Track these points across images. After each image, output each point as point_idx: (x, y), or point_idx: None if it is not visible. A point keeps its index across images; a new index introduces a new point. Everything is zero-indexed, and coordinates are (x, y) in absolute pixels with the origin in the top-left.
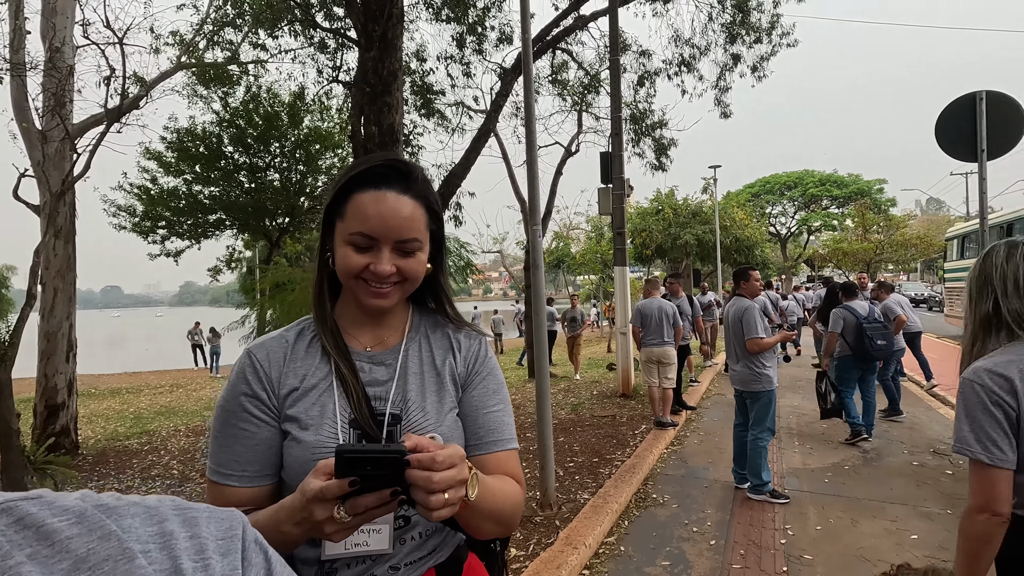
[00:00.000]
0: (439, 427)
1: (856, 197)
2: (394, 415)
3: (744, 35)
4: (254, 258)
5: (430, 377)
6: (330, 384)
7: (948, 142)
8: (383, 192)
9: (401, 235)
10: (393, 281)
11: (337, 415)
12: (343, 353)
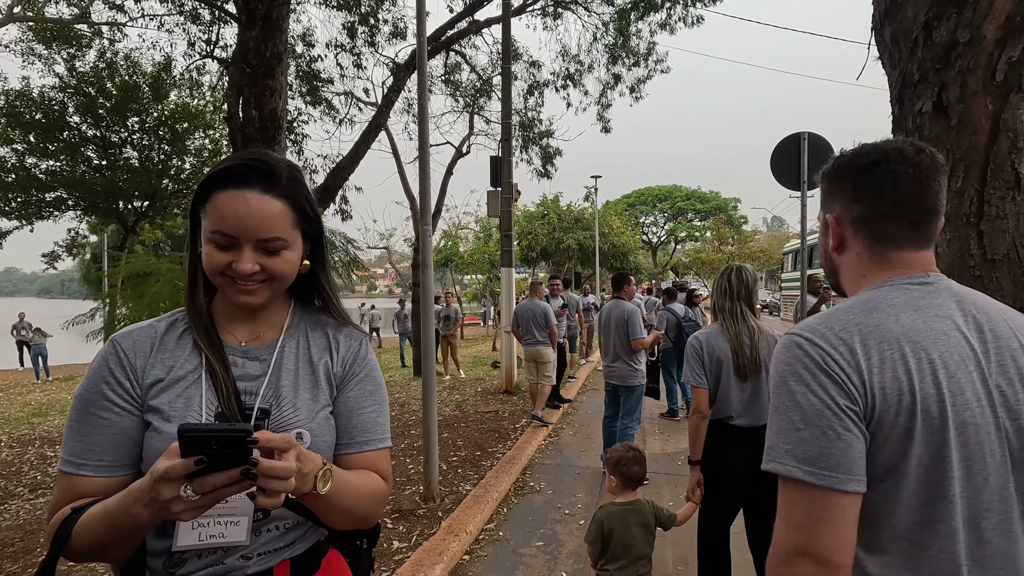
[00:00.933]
0: (309, 424)
1: (715, 212)
2: (263, 410)
3: (624, 57)
4: (101, 244)
5: (305, 374)
6: (198, 377)
7: (779, 172)
8: (242, 192)
9: (261, 234)
10: (259, 279)
11: (203, 408)
12: (215, 346)
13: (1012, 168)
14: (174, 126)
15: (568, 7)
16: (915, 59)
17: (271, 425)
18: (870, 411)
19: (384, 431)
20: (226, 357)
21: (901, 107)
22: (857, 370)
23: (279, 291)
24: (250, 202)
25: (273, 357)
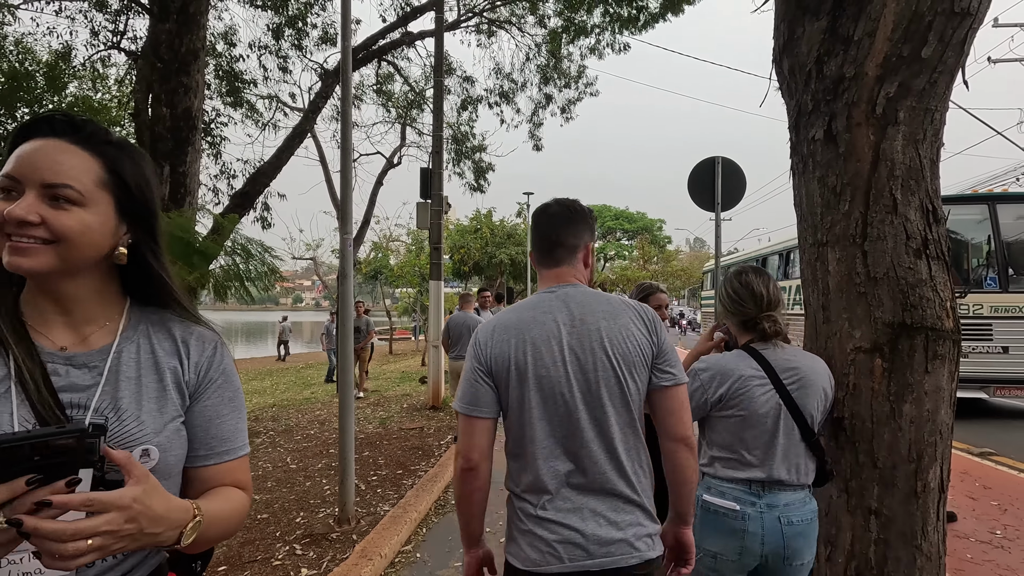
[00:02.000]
0: (156, 438)
1: (642, 232)
2: (96, 425)
3: (556, 79)
4: None
5: (149, 382)
6: (7, 389)
7: (696, 193)
8: (45, 139)
9: (48, 177)
10: (40, 237)
11: (14, 426)
12: (28, 351)
13: (890, 194)
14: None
15: (502, 26)
16: (809, 90)
17: (110, 443)
18: (490, 371)
19: (243, 438)
20: (44, 364)
21: (797, 134)
22: (485, 347)
23: (66, 262)
24: (48, 145)
25: (107, 364)
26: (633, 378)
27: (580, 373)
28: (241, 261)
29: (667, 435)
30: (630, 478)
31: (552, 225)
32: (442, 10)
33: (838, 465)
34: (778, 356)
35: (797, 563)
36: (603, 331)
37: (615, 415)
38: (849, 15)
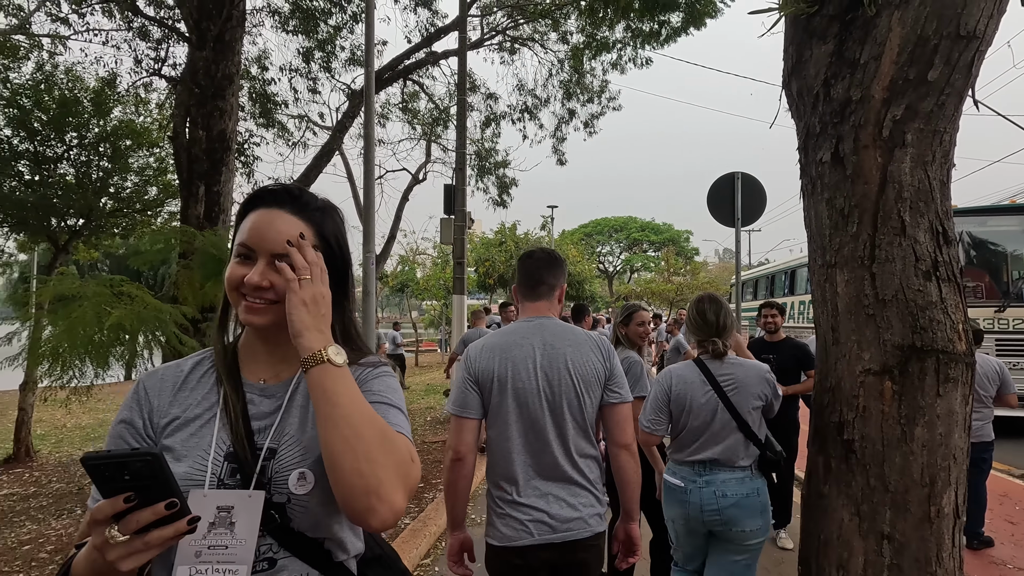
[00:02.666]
0: (312, 461)
1: (668, 244)
2: (271, 449)
3: (579, 93)
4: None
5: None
6: (213, 415)
7: (715, 209)
8: (270, 210)
9: (274, 247)
10: (267, 298)
11: (212, 446)
12: (234, 384)
13: (898, 216)
14: (116, 143)
15: (525, 44)
16: (816, 113)
17: (275, 465)
18: (477, 381)
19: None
20: (244, 394)
21: (806, 156)
22: (475, 362)
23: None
24: (273, 217)
25: (287, 394)
26: (589, 394)
27: (548, 388)
28: None
29: (613, 442)
30: (583, 470)
31: (537, 268)
32: (465, 30)
33: (849, 488)
34: (718, 367)
35: (737, 529)
36: (568, 356)
37: (572, 422)
38: (855, 39)
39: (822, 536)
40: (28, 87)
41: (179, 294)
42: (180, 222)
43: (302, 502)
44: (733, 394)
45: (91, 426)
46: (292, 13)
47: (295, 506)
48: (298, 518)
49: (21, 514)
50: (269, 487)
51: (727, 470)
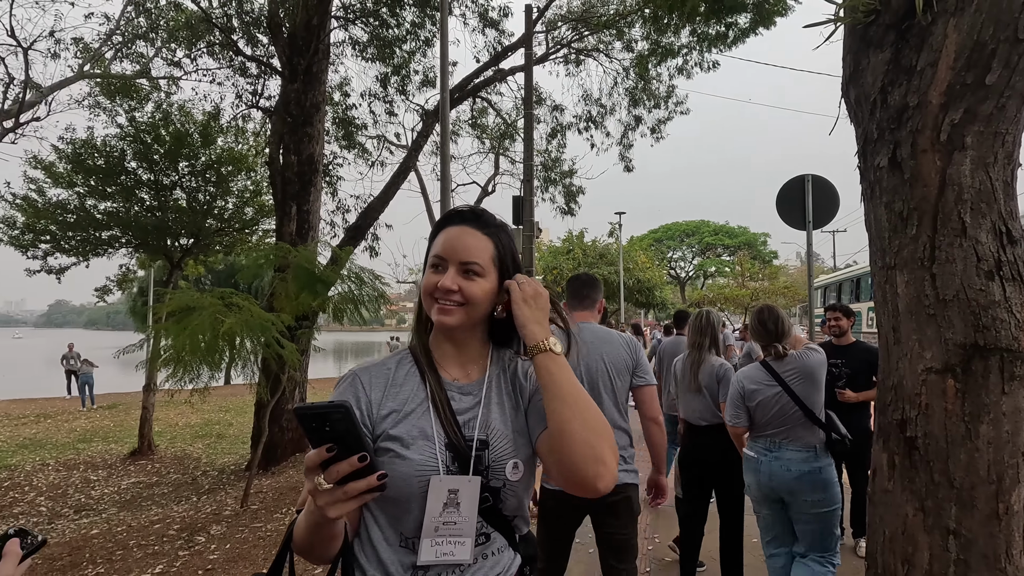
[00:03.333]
0: (522, 453)
1: (744, 247)
2: (482, 441)
3: (645, 100)
4: (148, 279)
5: (508, 408)
6: (426, 409)
7: (785, 213)
8: (459, 227)
9: (463, 257)
10: (455, 300)
11: (435, 436)
12: (438, 381)
13: (958, 217)
14: (219, 169)
15: (589, 54)
16: (874, 119)
17: (491, 455)
18: None
19: None
20: (447, 392)
21: (865, 161)
22: None
23: (471, 319)
24: (462, 232)
25: (482, 392)
26: (620, 378)
27: (587, 375)
28: (355, 287)
29: (643, 416)
30: None
31: (583, 286)
32: (531, 46)
33: (912, 484)
34: (781, 366)
35: (801, 499)
36: (603, 351)
37: (608, 399)
38: (912, 46)
39: (887, 532)
40: (149, 124)
41: (276, 304)
42: (275, 239)
43: (513, 487)
44: (797, 386)
45: (199, 424)
46: (370, 42)
47: (508, 490)
48: (507, 500)
49: (147, 499)
50: (486, 473)
51: (794, 449)
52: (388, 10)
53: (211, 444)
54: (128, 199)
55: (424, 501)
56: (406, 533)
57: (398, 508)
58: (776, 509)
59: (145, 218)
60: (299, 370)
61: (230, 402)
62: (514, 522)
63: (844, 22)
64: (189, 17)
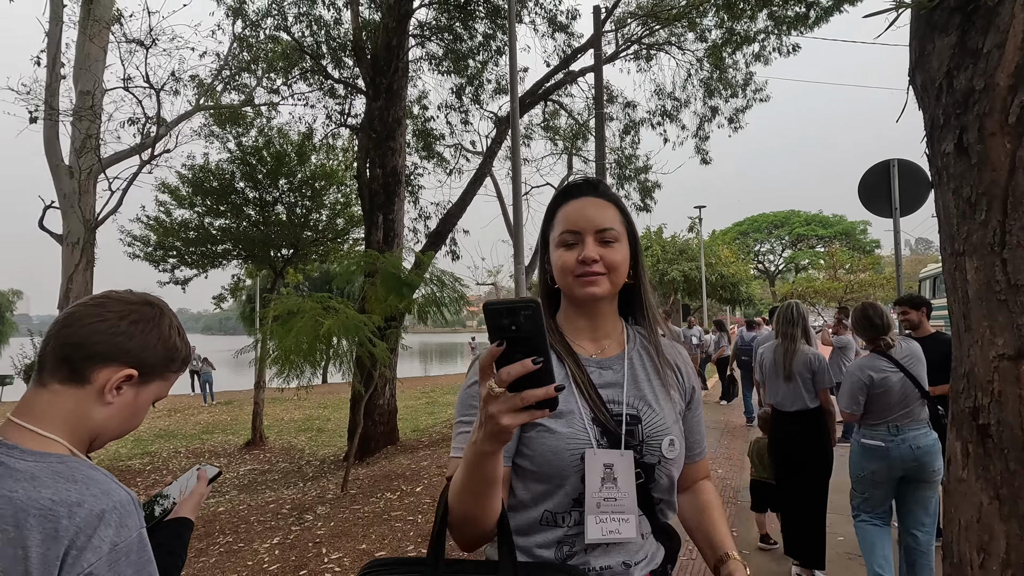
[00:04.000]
0: (675, 428)
1: (841, 237)
2: (632, 415)
3: (721, 89)
4: (254, 287)
5: (656, 385)
6: (570, 382)
7: (868, 200)
8: (581, 198)
9: (600, 224)
10: (598, 271)
11: (582, 412)
12: (576, 360)
13: None
14: (314, 184)
15: (661, 48)
16: (940, 104)
17: (644, 429)
18: None
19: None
20: (586, 369)
21: (932, 148)
22: None
23: (615, 286)
24: (588, 203)
25: (624, 367)
26: None
27: None
28: (437, 290)
29: None
30: None
31: None
32: (600, 47)
33: (987, 472)
34: (896, 353)
35: (929, 470)
36: None
37: None
38: (978, 29)
39: (962, 521)
40: (253, 148)
41: (367, 306)
42: (364, 247)
43: (668, 465)
44: (914, 369)
45: (301, 419)
46: (445, 56)
47: (662, 468)
48: (660, 479)
49: (261, 484)
50: (640, 448)
51: (914, 427)
52: (461, 24)
53: (312, 437)
54: (238, 216)
55: (576, 476)
56: (552, 509)
57: (550, 483)
58: (891, 487)
59: (252, 232)
60: (389, 367)
61: (328, 399)
62: (659, 506)
63: (907, 7)
64: (284, 47)
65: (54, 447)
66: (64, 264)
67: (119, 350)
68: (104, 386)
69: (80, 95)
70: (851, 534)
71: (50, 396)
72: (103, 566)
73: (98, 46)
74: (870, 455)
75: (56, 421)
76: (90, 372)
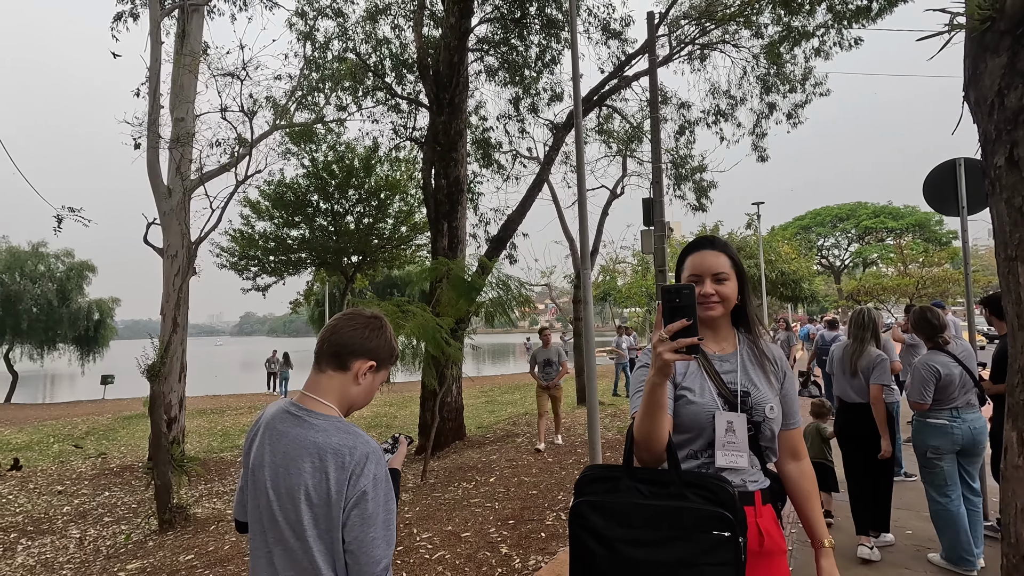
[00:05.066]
0: (774, 400)
1: (914, 229)
2: (744, 392)
3: (779, 85)
4: (323, 292)
5: (758, 372)
6: (700, 371)
7: (935, 200)
8: (702, 251)
9: (714, 270)
10: (714, 300)
11: (710, 388)
12: (705, 355)
13: None
14: (379, 195)
15: (715, 48)
16: (992, 120)
17: (752, 402)
18: None
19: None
20: (711, 361)
21: (985, 159)
22: None
23: (728, 309)
24: (706, 255)
25: (738, 360)
26: None
27: None
28: (502, 293)
29: None
30: None
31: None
32: (654, 51)
33: None
34: (952, 348)
35: (980, 446)
36: None
37: None
38: None
39: (1018, 504)
40: (325, 162)
41: (439, 309)
42: (431, 254)
43: (770, 423)
44: (967, 362)
45: (370, 416)
46: (501, 67)
47: (766, 425)
48: (765, 431)
49: None
50: (751, 412)
51: (970, 411)
52: (518, 38)
53: (382, 433)
54: (311, 226)
55: (710, 429)
56: (695, 449)
57: (692, 433)
58: (955, 460)
59: (325, 241)
60: (459, 366)
61: (393, 398)
62: (766, 452)
63: (959, 31)
64: (351, 67)
65: (331, 411)
66: (165, 274)
67: (366, 348)
68: (358, 372)
69: (175, 122)
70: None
71: (327, 379)
72: (370, 486)
73: (191, 77)
74: (935, 433)
75: (331, 395)
76: (349, 363)
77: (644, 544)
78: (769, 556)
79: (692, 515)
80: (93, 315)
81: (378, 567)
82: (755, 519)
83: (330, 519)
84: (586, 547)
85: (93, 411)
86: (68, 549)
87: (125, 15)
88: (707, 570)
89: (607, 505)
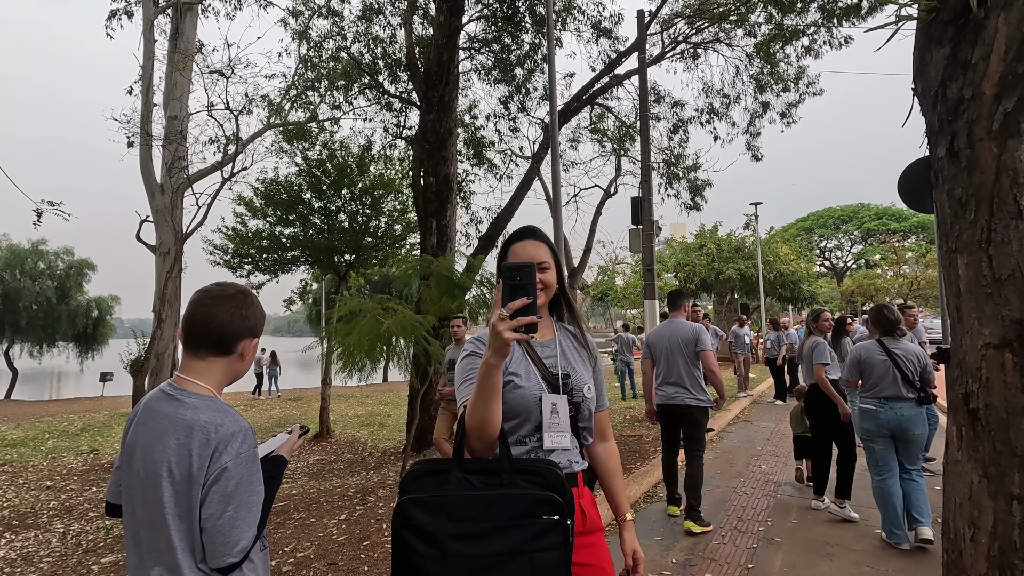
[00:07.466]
0: (590, 383)
1: (917, 231)
2: (565, 374)
3: (772, 84)
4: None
5: (575, 357)
6: (524, 357)
7: (910, 197)
8: (524, 241)
9: (536, 260)
10: (539, 288)
11: (532, 372)
12: (528, 342)
13: (1014, 201)
14: (373, 193)
15: (708, 46)
16: (936, 112)
17: (572, 383)
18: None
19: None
20: (533, 347)
21: (930, 151)
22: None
23: (548, 297)
24: (528, 245)
25: (556, 346)
26: (688, 348)
27: (668, 348)
28: (488, 292)
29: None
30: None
31: (676, 296)
32: (644, 50)
33: (977, 452)
34: (890, 343)
35: (910, 433)
36: (679, 334)
37: (682, 361)
38: (967, 41)
39: (957, 499)
40: (318, 161)
41: (423, 307)
42: (420, 251)
43: (588, 402)
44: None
45: (364, 415)
46: (494, 66)
47: (584, 405)
48: (583, 411)
49: (328, 472)
50: (572, 393)
51: (899, 401)
52: (509, 36)
53: (374, 431)
54: (305, 224)
55: (536, 412)
56: (522, 434)
57: (520, 417)
58: (887, 443)
59: (318, 239)
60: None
61: (388, 397)
62: (583, 433)
63: (908, 20)
64: (344, 66)
65: (206, 392)
66: (157, 271)
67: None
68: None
69: (169, 120)
70: None
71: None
72: (232, 463)
73: (184, 76)
74: (865, 416)
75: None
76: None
77: (475, 537)
78: (589, 535)
79: (522, 501)
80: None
81: (234, 548)
82: (579, 499)
83: (191, 497)
84: (409, 547)
85: (91, 408)
86: (50, 543)
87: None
88: (537, 556)
89: (435, 501)
